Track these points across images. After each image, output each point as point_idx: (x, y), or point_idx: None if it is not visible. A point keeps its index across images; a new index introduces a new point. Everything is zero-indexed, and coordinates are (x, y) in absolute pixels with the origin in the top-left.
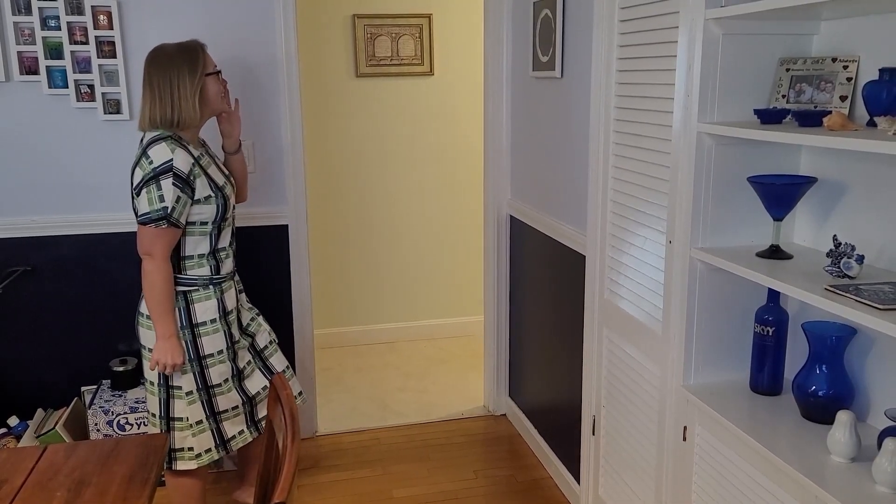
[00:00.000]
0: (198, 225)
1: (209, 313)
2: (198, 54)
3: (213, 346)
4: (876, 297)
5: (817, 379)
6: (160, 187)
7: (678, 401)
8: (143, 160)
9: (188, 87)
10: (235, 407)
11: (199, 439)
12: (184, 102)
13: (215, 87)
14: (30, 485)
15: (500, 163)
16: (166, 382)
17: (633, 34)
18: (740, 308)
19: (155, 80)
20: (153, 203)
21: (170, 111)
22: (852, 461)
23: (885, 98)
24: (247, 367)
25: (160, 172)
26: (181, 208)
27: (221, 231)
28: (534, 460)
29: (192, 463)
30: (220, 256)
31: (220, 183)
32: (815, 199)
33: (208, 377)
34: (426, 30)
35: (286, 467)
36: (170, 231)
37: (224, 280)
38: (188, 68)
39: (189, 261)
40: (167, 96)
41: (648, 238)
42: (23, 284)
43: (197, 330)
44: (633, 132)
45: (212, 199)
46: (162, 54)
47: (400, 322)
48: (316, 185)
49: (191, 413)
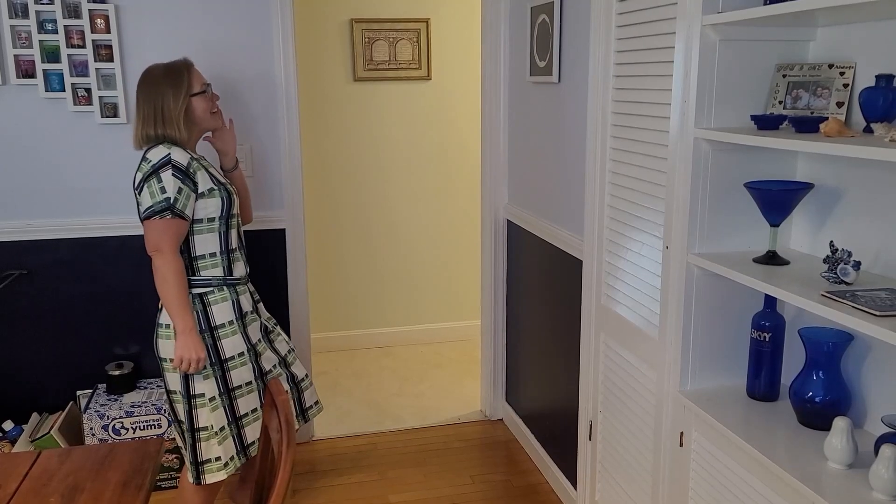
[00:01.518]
0: (205, 222)
1: (226, 315)
2: (182, 75)
3: (234, 349)
4: (873, 304)
5: (814, 385)
6: (160, 179)
7: (675, 406)
8: (143, 163)
9: (172, 109)
10: (255, 410)
11: (225, 446)
12: (168, 123)
13: (202, 106)
14: (23, 491)
15: (498, 167)
16: (188, 393)
17: (630, 39)
18: (737, 314)
19: (142, 102)
20: (155, 195)
21: (160, 131)
22: (849, 468)
23: (881, 104)
24: (273, 369)
25: (159, 167)
26: (184, 200)
27: (230, 229)
28: (530, 465)
29: (220, 473)
30: (233, 257)
31: (221, 179)
32: (811, 205)
33: (230, 380)
34: (424, 34)
35: (281, 474)
36: (175, 222)
37: (238, 283)
38: (172, 91)
39: (201, 261)
40: (151, 118)
41: (645, 243)
42: (19, 288)
43: (216, 333)
44: (630, 137)
45: (215, 191)
46: (149, 76)
47: (397, 326)
48: (313, 189)
49: (215, 420)
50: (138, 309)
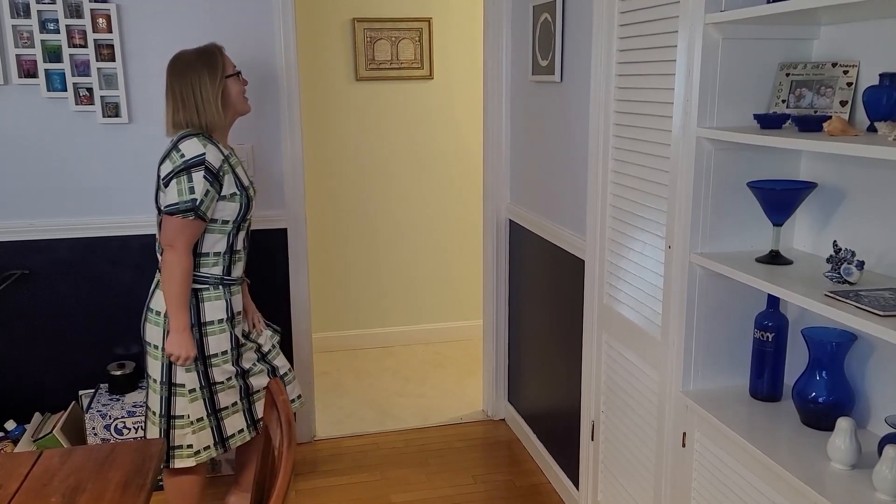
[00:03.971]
0: (219, 223)
1: (217, 313)
2: (216, 57)
3: (219, 347)
4: (876, 304)
5: (817, 385)
6: (191, 179)
7: (677, 407)
8: (174, 153)
9: (210, 91)
10: (235, 403)
11: (199, 436)
12: (207, 106)
13: (237, 88)
14: (24, 491)
15: (500, 167)
16: (169, 380)
17: (633, 38)
18: (740, 314)
19: (176, 86)
20: (183, 194)
21: (195, 116)
22: (852, 468)
23: (885, 103)
24: (253, 367)
25: (192, 165)
26: (209, 202)
27: (239, 232)
28: (533, 465)
29: (190, 460)
30: (235, 258)
31: (245, 183)
32: (815, 204)
33: (211, 376)
34: (426, 34)
35: (281, 475)
36: (195, 223)
37: (234, 283)
38: (208, 72)
39: (205, 258)
40: (190, 102)
41: (648, 243)
42: (20, 288)
43: (204, 328)
44: (633, 137)
45: (237, 196)
46: (181, 61)
47: (399, 326)
48: (315, 189)
49: (192, 411)
50: (140, 309)
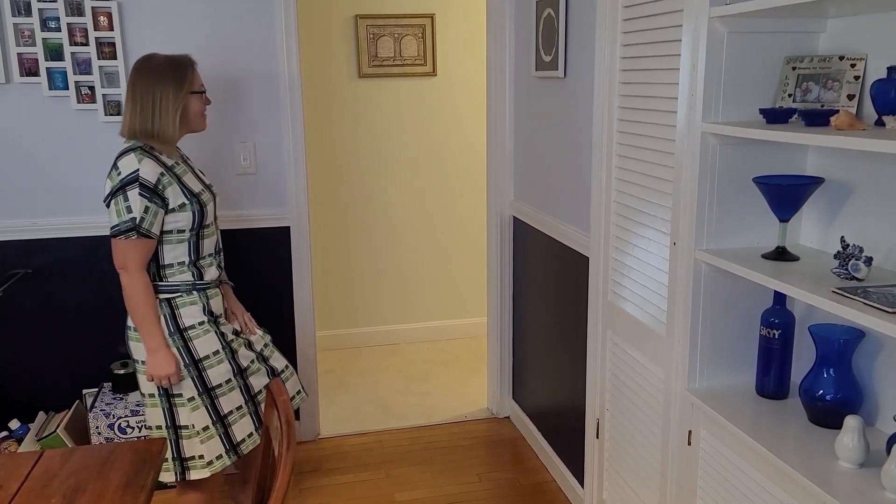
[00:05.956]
0: (174, 233)
1: (196, 316)
2: (186, 71)
3: (208, 348)
4: (885, 300)
5: (825, 383)
6: (127, 198)
7: (683, 405)
8: (113, 171)
9: (171, 104)
10: (240, 407)
11: (209, 446)
12: (164, 116)
13: (197, 107)
14: (25, 491)
15: (503, 163)
16: (166, 392)
17: (637, 33)
18: (746, 310)
19: (139, 90)
20: (121, 214)
21: (149, 123)
22: (861, 467)
23: (893, 97)
24: (251, 365)
25: (126, 183)
26: (151, 218)
27: (202, 239)
28: (537, 463)
29: (204, 471)
30: (204, 264)
31: (195, 190)
32: (821, 199)
33: (207, 380)
34: (429, 30)
35: (281, 476)
36: (141, 242)
37: (209, 286)
38: (174, 85)
39: (169, 269)
40: (148, 109)
41: (652, 239)
42: (24, 287)
43: (186, 334)
44: (637, 132)
45: (186, 206)
46: (150, 65)
47: (402, 324)
48: (318, 186)
49: (196, 420)
50: None
